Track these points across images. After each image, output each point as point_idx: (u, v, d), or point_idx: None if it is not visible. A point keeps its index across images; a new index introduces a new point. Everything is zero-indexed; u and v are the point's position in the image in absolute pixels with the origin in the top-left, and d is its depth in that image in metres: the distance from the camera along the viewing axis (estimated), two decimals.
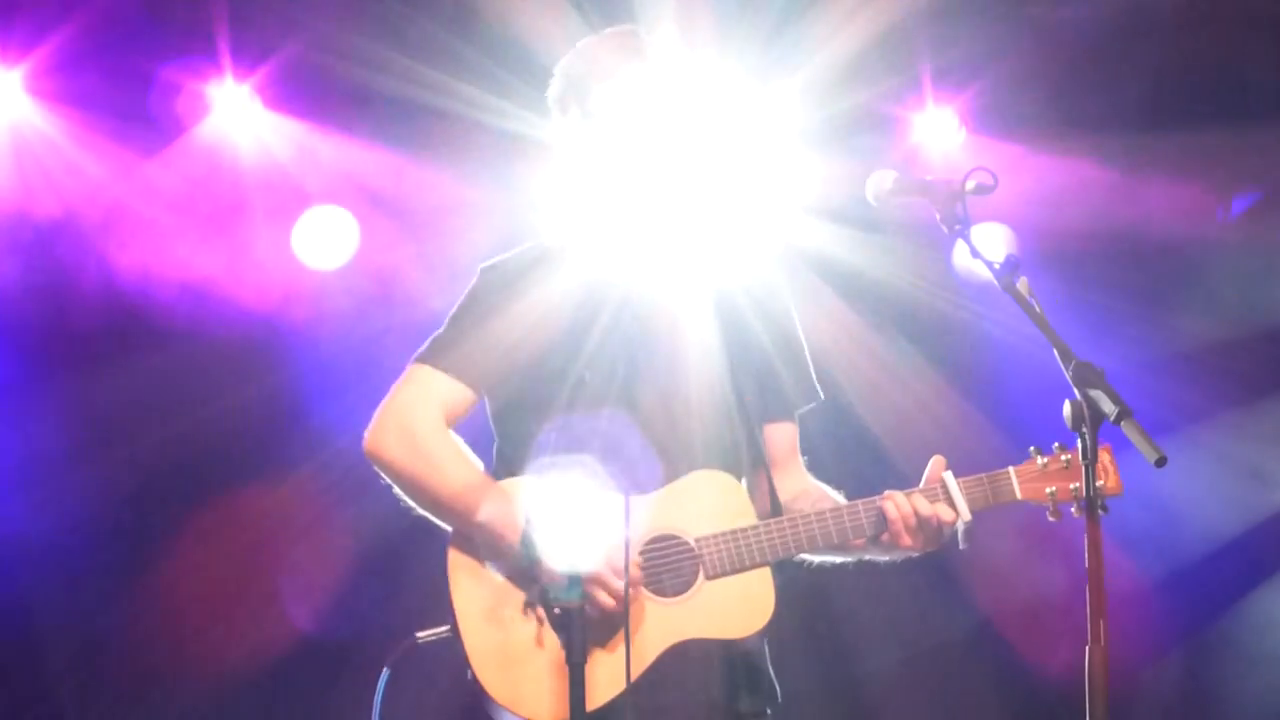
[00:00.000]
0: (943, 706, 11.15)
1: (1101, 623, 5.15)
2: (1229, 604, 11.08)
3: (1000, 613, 10.70)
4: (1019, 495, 6.16)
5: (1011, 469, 6.19)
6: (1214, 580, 10.96)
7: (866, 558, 6.33)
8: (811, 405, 6.54)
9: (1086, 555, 5.23)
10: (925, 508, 6.08)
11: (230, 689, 10.42)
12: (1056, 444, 6.18)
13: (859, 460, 9.41)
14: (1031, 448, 6.21)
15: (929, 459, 6.19)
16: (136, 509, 10.44)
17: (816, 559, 6.35)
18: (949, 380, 10.49)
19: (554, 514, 5.76)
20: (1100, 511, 5.64)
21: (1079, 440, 5.32)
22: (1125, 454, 5.25)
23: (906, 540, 6.11)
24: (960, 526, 6.13)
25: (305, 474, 10.04)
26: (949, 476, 6.14)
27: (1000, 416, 9.92)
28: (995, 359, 10.11)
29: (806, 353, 6.53)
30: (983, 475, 6.18)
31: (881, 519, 6.10)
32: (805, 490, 6.40)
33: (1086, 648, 5.16)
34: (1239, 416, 10.93)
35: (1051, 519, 6.16)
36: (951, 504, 6.10)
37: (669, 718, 6.03)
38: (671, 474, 6.12)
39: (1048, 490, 6.16)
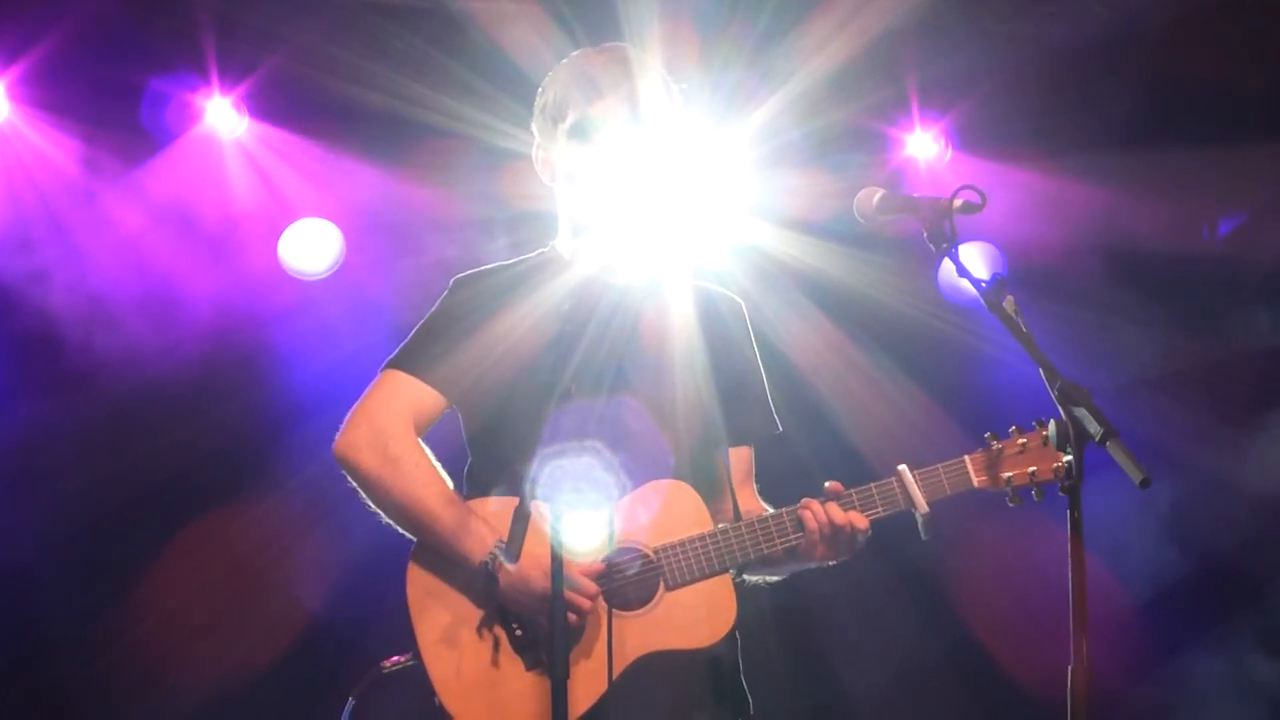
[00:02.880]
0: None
1: (1084, 641, 5.09)
2: (1208, 626, 11.06)
3: (986, 629, 10.64)
4: (975, 483, 6.19)
5: (966, 457, 6.21)
6: (1196, 601, 10.93)
7: (790, 570, 6.37)
8: (772, 434, 6.54)
9: (1070, 573, 5.16)
10: (839, 516, 6.08)
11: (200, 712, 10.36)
12: (1013, 427, 6.21)
13: (841, 469, 9.38)
14: (986, 434, 6.22)
15: (903, 458, 6.20)
16: (120, 521, 10.34)
17: (753, 577, 6.35)
18: (933, 394, 10.47)
19: (523, 536, 5.59)
20: (1061, 493, 5.61)
21: (1066, 462, 5.23)
22: (1112, 473, 5.19)
23: (820, 550, 6.14)
24: (919, 519, 6.15)
25: (295, 483, 10.00)
26: (904, 469, 6.15)
27: (984, 430, 9.89)
28: (981, 374, 10.09)
29: (766, 385, 6.52)
30: (938, 465, 6.18)
31: (789, 528, 6.11)
32: (757, 508, 6.37)
33: (1069, 666, 5.11)
34: (1229, 434, 10.91)
35: (1011, 504, 6.18)
36: (906, 499, 6.12)
37: None
38: (646, 481, 6.11)
39: (1005, 476, 6.17)
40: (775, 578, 6.40)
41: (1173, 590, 10.79)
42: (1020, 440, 6.17)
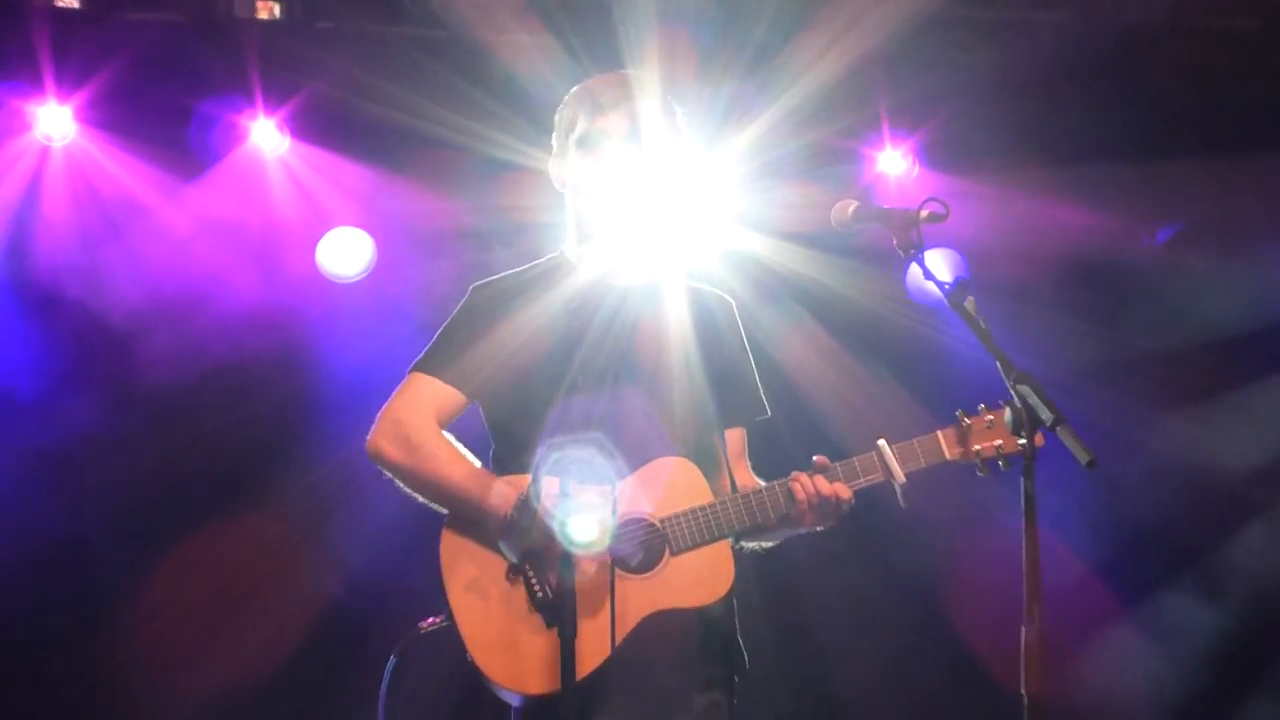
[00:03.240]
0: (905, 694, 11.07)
1: (1036, 604, 5.04)
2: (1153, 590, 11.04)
3: (959, 608, 10.60)
4: (948, 455, 6.19)
5: (939, 431, 6.22)
6: (1141, 566, 10.91)
7: (782, 537, 6.37)
8: (763, 418, 6.53)
9: (1024, 546, 5.12)
10: (825, 487, 6.09)
11: (252, 662, 10.31)
12: (982, 405, 6.20)
13: (823, 451, 9.35)
14: (958, 411, 6.21)
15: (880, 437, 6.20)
16: (171, 501, 10.34)
17: (751, 544, 6.36)
18: (901, 383, 10.47)
19: (542, 498, 5.74)
20: (1001, 469, 6.06)
21: (1020, 444, 5.22)
22: (1060, 455, 5.14)
23: (809, 518, 6.14)
24: (898, 489, 6.15)
25: (335, 463, 9.97)
26: (883, 444, 6.17)
27: (947, 418, 9.85)
28: (944, 366, 10.04)
29: (755, 374, 6.53)
30: (914, 439, 6.19)
31: (780, 498, 6.13)
32: (752, 482, 6.34)
33: (1023, 627, 5.06)
34: (1169, 420, 10.92)
35: (980, 474, 6.19)
36: (885, 470, 6.14)
37: (647, 684, 6.04)
38: (651, 460, 6.13)
39: (975, 449, 6.18)
40: (769, 544, 6.40)
41: (1116, 558, 10.74)
42: (988, 417, 6.18)
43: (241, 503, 10.33)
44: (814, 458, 6.17)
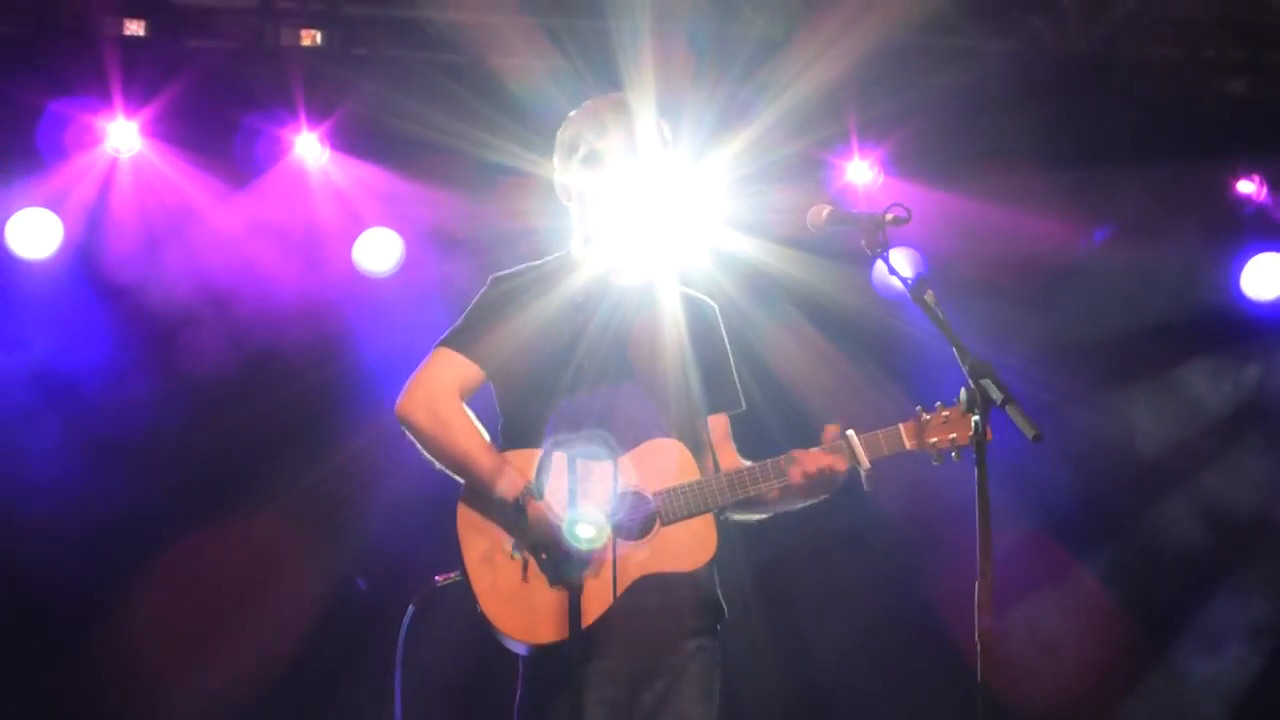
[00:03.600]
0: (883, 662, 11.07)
1: (988, 563, 5.13)
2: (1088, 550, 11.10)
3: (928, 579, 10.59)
4: (907, 445, 6.20)
5: (901, 425, 6.22)
6: (1078, 532, 10.98)
7: (779, 510, 6.39)
8: (739, 410, 6.57)
9: (976, 510, 5.20)
10: (824, 461, 6.13)
11: (282, 618, 10.35)
12: (938, 403, 6.20)
13: (799, 430, 9.36)
14: (918, 406, 6.23)
15: (852, 425, 6.20)
16: (224, 476, 10.39)
17: (741, 517, 6.41)
18: (866, 368, 10.44)
19: (548, 482, 5.85)
20: (954, 459, 6.10)
21: (974, 421, 5.32)
22: (1011, 431, 5.18)
23: (804, 490, 6.21)
24: (863, 474, 6.18)
25: (362, 443, 9.99)
26: (851, 434, 6.18)
27: (910, 392, 9.84)
28: (906, 352, 10.07)
29: (734, 370, 6.56)
30: (878, 431, 6.21)
31: (783, 467, 6.17)
32: (738, 462, 6.42)
33: (976, 582, 5.15)
34: (1106, 398, 10.99)
35: (935, 463, 6.19)
36: (852, 457, 6.14)
37: (641, 633, 6.10)
38: (646, 440, 6.19)
39: (931, 440, 6.18)
40: (759, 516, 6.44)
41: (1059, 523, 10.77)
42: (944, 413, 6.18)
43: (283, 480, 10.37)
44: (826, 427, 6.22)
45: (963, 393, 5.33)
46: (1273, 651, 11.14)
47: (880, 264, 5.77)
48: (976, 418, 5.30)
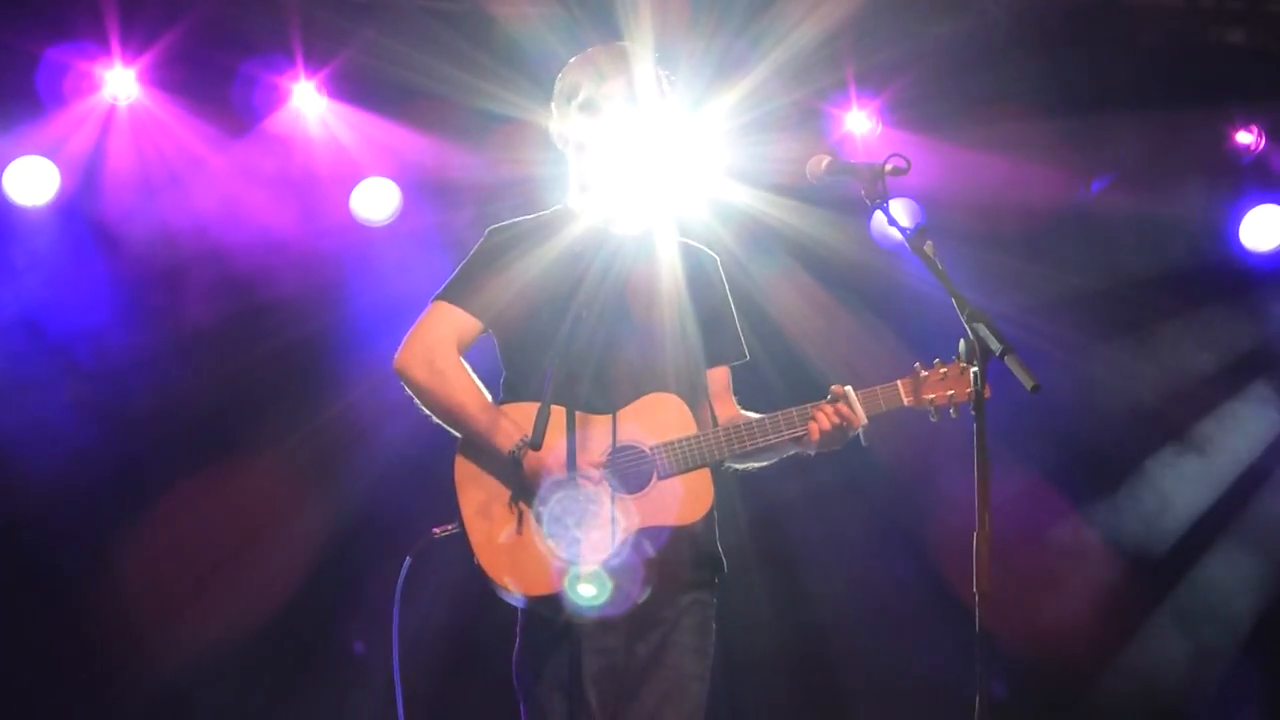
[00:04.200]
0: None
1: (986, 513, 5.12)
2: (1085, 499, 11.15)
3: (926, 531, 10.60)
4: (905, 402, 6.21)
5: (899, 381, 6.23)
6: (1075, 478, 11.02)
7: (787, 454, 6.38)
8: (742, 361, 6.58)
9: (975, 461, 5.18)
10: (835, 416, 6.15)
11: (278, 569, 10.33)
12: (936, 359, 6.22)
13: (797, 380, 9.39)
14: (916, 364, 6.23)
15: (851, 378, 6.24)
16: (226, 417, 10.43)
17: (742, 465, 6.41)
18: (864, 318, 10.48)
19: (545, 430, 5.76)
20: (952, 415, 6.13)
21: (973, 372, 5.31)
22: (1009, 380, 5.17)
23: (820, 441, 6.20)
24: (860, 430, 6.19)
25: (360, 391, 10.02)
26: (849, 390, 6.18)
27: (909, 344, 9.87)
28: (905, 301, 10.06)
29: (736, 321, 6.58)
30: (876, 388, 6.22)
31: (796, 425, 6.18)
32: (737, 416, 6.44)
33: (974, 533, 5.13)
34: (1103, 350, 11.02)
35: (933, 419, 6.22)
36: (852, 413, 6.14)
37: (637, 586, 6.08)
38: (644, 393, 6.20)
39: (928, 397, 6.20)
40: (762, 464, 6.45)
41: (1055, 471, 10.78)
42: (942, 370, 6.20)
43: (280, 427, 10.39)
44: (832, 387, 6.20)
45: (961, 343, 5.31)
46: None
47: (879, 214, 5.79)
48: (975, 370, 5.28)
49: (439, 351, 6.19)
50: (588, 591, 5.83)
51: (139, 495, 10.26)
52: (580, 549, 5.89)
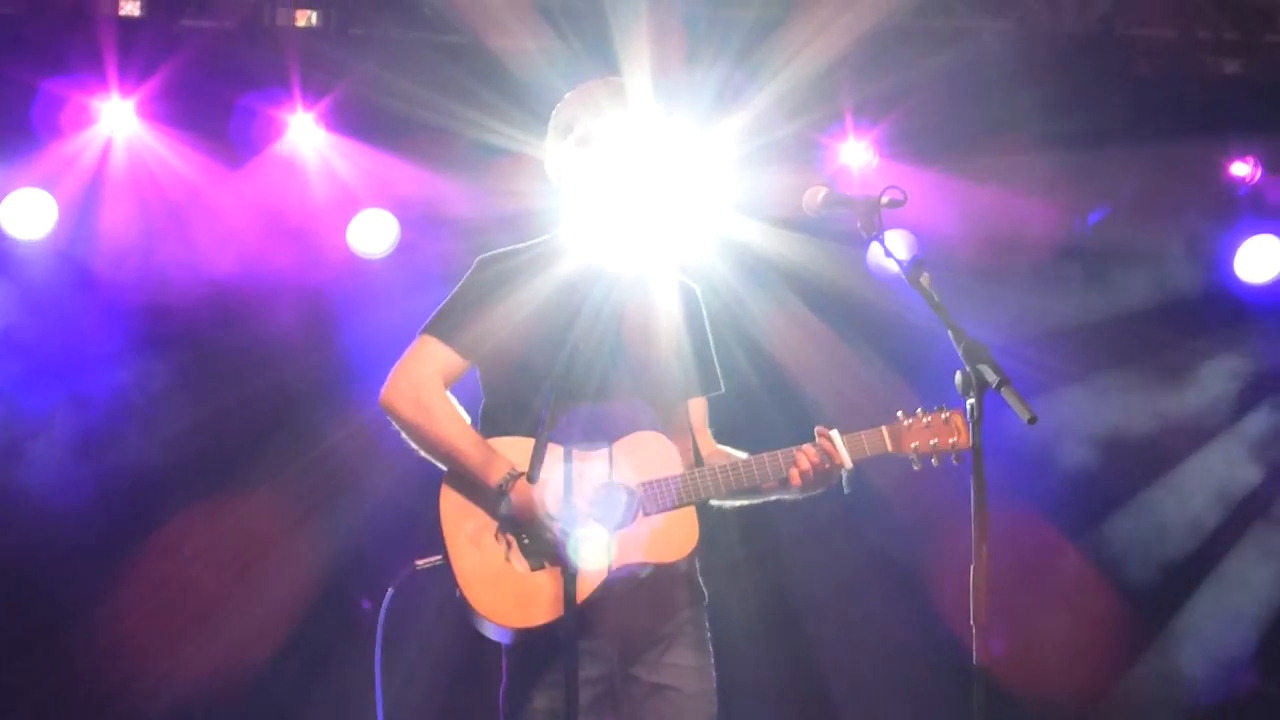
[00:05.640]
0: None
1: (983, 545, 5.12)
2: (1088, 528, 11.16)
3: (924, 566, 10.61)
4: (890, 449, 6.22)
5: (884, 427, 6.25)
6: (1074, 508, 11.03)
7: (772, 498, 6.38)
8: (717, 393, 6.59)
9: (972, 489, 5.19)
10: (817, 459, 6.16)
11: (268, 601, 10.34)
12: (919, 409, 6.25)
13: (791, 413, 9.39)
14: (899, 411, 6.25)
15: (847, 411, 6.27)
16: (222, 451, 10.42)
17: (728, 504, 6.41)
18: (858, 349, 10.46)
19: (541, 471, 5.73)
20: (955, 462, 6.12)
21: (965, 403, 5.29)
22: (1005, 412, 5.16)
23: (801, 484, 6.21)
24: (843, 475, 6.21)
25: (356, 424, 9.97)
26: (835, 434, 6.19)
27: (905, 376, 9.88)
28: (902, 335, 10.03)
29: (714, 353, 6.57)
30: (860, 433, 6.23)
31: (781, 469, 6.17)
32: (715, 451, 6.46)
33: (971, 566, 5.13)
34: (1098, 379, 10.98)
35: (915, 468, 6.23)
36: (835, 457, 6.15)
37: (622, 619, 6.13)
38: (633, 430, 6.20)
39: (913, 445, 6.21)
40: (749, 503, 6.45)
41: (1049, 503, 10.82)
42: (925, 419, 6.23)
43: (277, 462, 10.36)
44: (816, 428, 6.22)
45: (958, 375, 5.29)
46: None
47: (876, 246, 5.76)
48: (970, 402, 5.26)
49: (425, 387, 6.19)
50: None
51: (133, 531, 10.24)
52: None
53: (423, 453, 6.22)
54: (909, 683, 10.90)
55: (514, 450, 6.00)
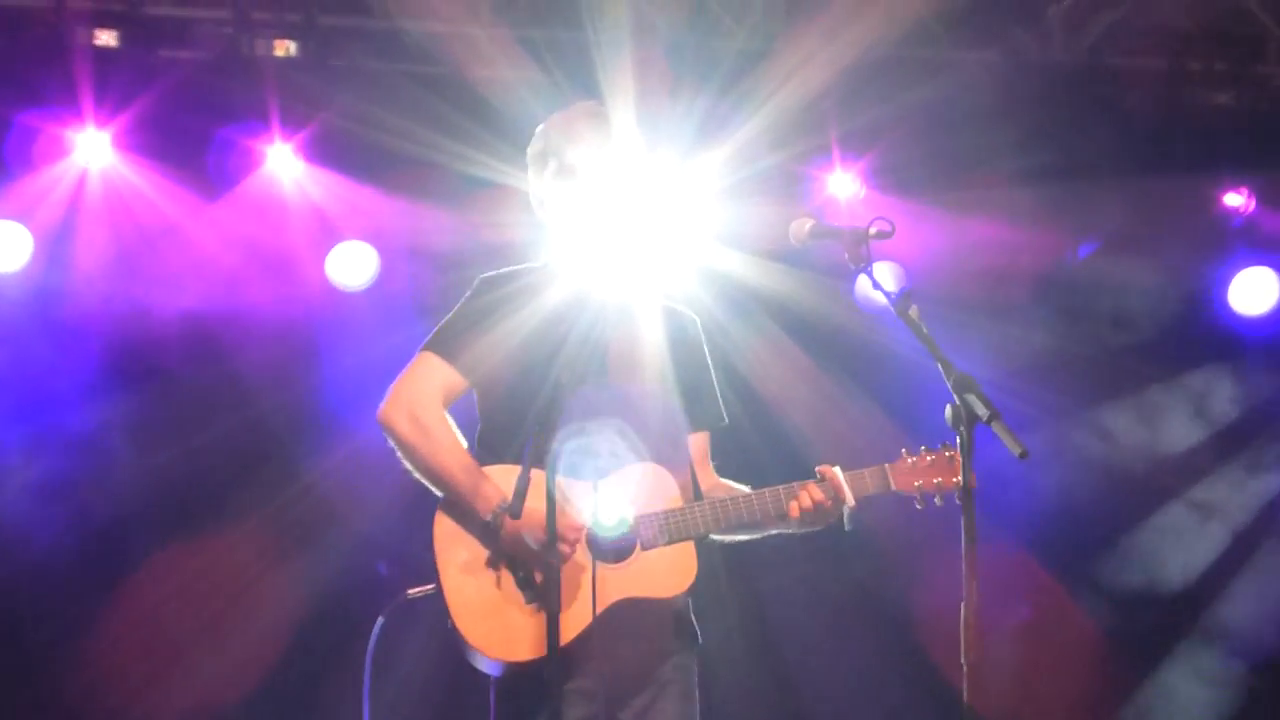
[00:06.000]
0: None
1: (974, 583, 5.08)
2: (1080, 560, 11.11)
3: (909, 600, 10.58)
4: (893, 487, 6.22)
5: (887, 465, 6.24)
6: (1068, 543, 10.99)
7: (772, 532, 6.35)
8: (721, 426, 6.56)
9: (963, 527, 5.14)
10: (819, 496, 6.13)
11: (253, 636, 10.26)
12: (923, 447, 6.24)
13: (779, 446, 9.35)
14: (903, 449, 6.24)
15: (834, 445, 6.25)
16: (201, 486, 10.31)
17: (728, 538, 6.37)
18: (844, 383, 10.43)
19: (524, 498, 5.66)
20: (958, 501, 5.68)
21: (957, 438, 5.24)
22: (995, 446, 5.11)
23: (800, 520, 6.19)
24: (846, 512, 6.19)
25: (336, 458, 9.93)
26: (838, 471, 6.16)
27: (893, 410, 9.85)
28: (890, 368, 9.99)
29: (715, 385, 6.53)
30: (864, 470, 6.22)
31: (782, 504, 6.14)
32: (717, 484, 6.42)
33: (961, 604, 5.10)
34: (1088, 413, 10.99)
35: (918, 507, 6.25)
36: (840, 494, 6.13)
37: (617, 655, 6.05)
38: (621, 463, 6.14)
39: (915, 484, 6.21)
40: (747, 538, 6.43)
41: (1043, 538, 10.76)
42: (929, 457, 6.22)
43: (257, 496, 10.26)
44: (818, 468, 6.19)
45: (948, 409, 5.24)
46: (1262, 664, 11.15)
47: (863, 278, 5.73)
48: (963, 434, 5.20)
49: (424, 405, 6.15)
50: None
51: (111, 567, 10.16)
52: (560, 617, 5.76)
53: (415, 474, 6.17)
54: (899, 716, 10.84)
55: (508, 478, 5.87)
